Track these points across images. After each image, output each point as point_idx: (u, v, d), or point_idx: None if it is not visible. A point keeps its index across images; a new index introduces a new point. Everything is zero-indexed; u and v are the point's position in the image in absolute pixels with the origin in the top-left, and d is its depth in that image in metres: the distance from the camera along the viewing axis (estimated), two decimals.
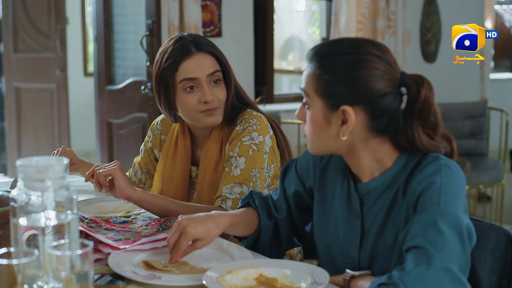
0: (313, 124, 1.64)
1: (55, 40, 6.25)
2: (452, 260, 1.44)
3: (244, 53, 5.20)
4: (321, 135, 1.64)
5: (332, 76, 1.59)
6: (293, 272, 1.62)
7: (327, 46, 1.64)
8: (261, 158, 2.22)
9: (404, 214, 1.59)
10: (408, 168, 1.62)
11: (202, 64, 2.24)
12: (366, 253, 1.68)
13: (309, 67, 1.64)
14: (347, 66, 1.58)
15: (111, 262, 1.72)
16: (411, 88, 1.60)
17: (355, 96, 1.58)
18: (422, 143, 1.60)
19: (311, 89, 1.62)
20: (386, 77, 1.58)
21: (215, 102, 2.24)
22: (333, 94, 1.59)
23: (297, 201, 1.91)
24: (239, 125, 2.26)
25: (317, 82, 1.61)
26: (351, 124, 1.59)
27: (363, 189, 1.68)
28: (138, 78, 4.97)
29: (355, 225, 1.70)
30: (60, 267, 1.32)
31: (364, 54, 1.59)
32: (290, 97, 6.15)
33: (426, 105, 1.59)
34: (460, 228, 1.49)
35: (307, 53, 1.66)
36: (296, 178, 1.90)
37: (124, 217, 2.14)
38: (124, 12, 5.19)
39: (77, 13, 8.24)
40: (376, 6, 5.53)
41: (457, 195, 1.54)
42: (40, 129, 6.51)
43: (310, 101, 1.63)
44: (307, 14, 9.35)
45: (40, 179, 1.39)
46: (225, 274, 1.61)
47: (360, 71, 1.57)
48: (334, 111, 1.60)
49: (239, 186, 2.18)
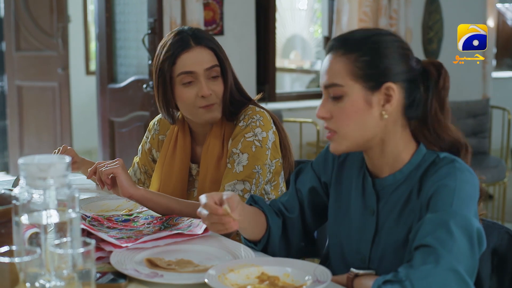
0: (352, 112, 1.59)
1: (57, 39, 6.24)
2: (460, 262, 1.43)
3: (246, 52, 5.20)
4: (361, 122, 1.60)
5: (373, 55, 1.58)
6: (295, 271, 1.62)
7: (353, 33, 1.64)
8: (264, 154, 2.22)
9: (418, 213, 1.59)
10: (423, 166, 1.62)
11: (200, 58, 2.23)
12: (378, 249, 1.68)
13: (336, 57, 1.61)
14: (389, 44, 1.60)
15: (113, 260, 1.72)
16: (431, 71, 1.64)
17: (399, 72, 1.59)
18: (447, 132, 1.64)
19: (345, 77, 1.59)
20: (415, 58, 1.63)
21: (212, 97, 2.24)
22: (375, 74, 1.58)
23: (312, 198, 1.89)
24: (242, 121, 2.26)
25: (354, 66, 1.58)
26: (395, 101, 1.59)
27: (380, 185, 1.68)
28: (140, 77, 4.97)
29: (370, 221, 1.70)
30: (62, 265, 1.32)
31: (398, 36, 1.64)
32: (292, 95, 6.16)
33: (446, 90, 1.65)
34: (470, 231, 1.48)
35: (330, 45, 1.64)
36: (312, 174, 1.89)
37: (126, 215, 2.13)
38: (126, 11, 5.19)
39: (79, 12, 8.25)
40: (378, 4, 5.52)
41: (470, 199, 1.54)
42: (42, 128, 6.51)
43: (344, 90, 1.59)
44: (309, 12, 9.35)
45: (42, 177, 1.39)
46: (227, 273, 1.60)
47: (402, 49, 1.61)
48: (375, 91, 1.59)
49: (241, 183, 2.17)
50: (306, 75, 8.80)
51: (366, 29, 1.68)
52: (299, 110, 5.57)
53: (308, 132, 5.40)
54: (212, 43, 2.27)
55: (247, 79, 5.16)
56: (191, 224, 2.00)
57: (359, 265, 1.71)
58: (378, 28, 1.71)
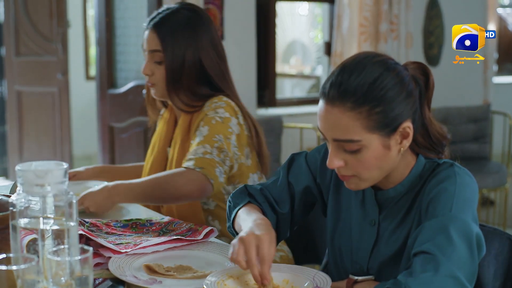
0: (372, 160, 1.54)
1: (57, 44, 6.24)
2: (460, 268, 1.42)
3: (247, 57, 5.19)
4: (381, 165, 1.56)
5: (384, 104, 1.50)
6: (294, 277, 1.60)
7: (350, 80, 1.52)
8: (226, 128, 2.28)
9: (417, 218, 1.58)
10: (425, 177, 1.61)
11: (147, 39, 2.41)
12: (376, 259, 1.67)
13: (344, 111, 1.50)
14: (392, 84, 1.52)
15: (111, 266, 1.71)
16: (419, 78, 1.59)
17: (409, 108, 1.55)
18: (435, 129, 1.61)
19: (360, 132, 1.51)
20: (405, 72, 1.57)
21: (151, 78, 2.41)
22: (391, 120, 1.52)
23: (306, 198, 1.85)
24: (208, 106, 2.34)
25: (368, 120, 1.50)
26: (411, 136, 1.56)
27: (382, 196, 1.66)
28: (140, 82, 4.96)
29: (370, 232, 1.68)
30: (59, 272, 1.31)
31: (392, 65, 1.55)
32: (292, 101, 6.15)
33: (432, 90, 1.61)
34: (470, 236, 1.47)
35: (328, 94, 1.52)
36: (307, 172, 1.84)
37: (125, 221, 2.12)
38: (126, 16, 5.19)
39: (79, 17, 8.25)
40: (379, 10, 5.52)
41: (469, 204, 1.52)
42: (41, 133, 6.50)
43: (362, 144, 1.52)
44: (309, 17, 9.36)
45: (40, 184, 1.38)
46: (226, 279, 1.59)
47: (405, 83, 1.54)
48: (392, 135, 1.54)
49: (201, 147, 2.24)
50: (307, 80, 8.79)
51: (360, 72, 1.52)
52: (300, 116, 5.56)
53: (309, 138, 5.39)
54: (165, 28, 2.36)
55: (247, 84, 5.15)
56: (191, 229, 1.99)
57: (358, 272, 1.69)
58: (368, 62, 1.55)
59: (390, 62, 1.56)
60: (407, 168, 1.63)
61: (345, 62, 1.57)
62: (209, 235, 1.96)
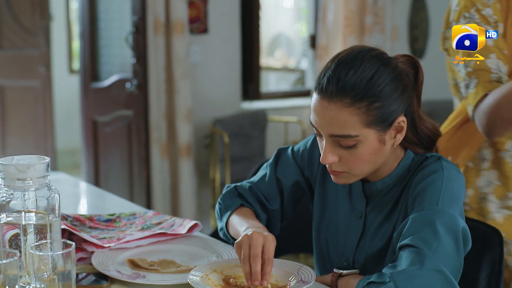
0: (367, 155, 1.54)
1: (40, 37, 6.20)
2: (445, 262, 1.42)
3: (231, 50, 5.18)
4: (375, 160, 1.56)
5: (382, 99, 1.50)
6: (279, 270, 1.60)
7: (348, 76, 1.50)
8: None
9: (403, 212, 1.58)
10: (412, 170, 1.61)
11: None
12: (362, 252, 1.67)
13: (342, 107, 1.49)
14: (389, 79, 1.51)
15: (94, 261, 1.70)
16: (408, 71, 1.58)
17: (403, 102, 1.54)
18: (424, 124, 1.61)
19: (358, 127, 1.50)
20: (397, 67, 1.56)
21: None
22: (388, 115, 1.52)
23: (295, 192, 1.84)
24: None
25: (367, 115, 1.49)
26: (405, 130, 1.56)
27: (369, 189, 1.66)
28: (123, 75, 4.94)
29: (356, 224, 1.68)
30: (42, 267, 1.30)
31: (387, 60, 1.55)
32: (277, 94, 6.14)
33: (421, 84, 1.61)
34: (456, 231, 1.47)
35: (326, 89, 1.50)
36: (294, 166, 1.83)
37: (109, 215, 2.11)
38: (109, 9, 5.16)
39: (62, 10, 8.20)
40: (364, 2, 5.52)
41: (456, 198, 1.53)
42: (25, 127, 6.46)
43: (358, 139, 1.51)
44: (294, 10, 9.35)
45: (22, 179, 1.36)
46: (210, 273, 1.59)
47: (400, 78, 1.54)
48: (388, 129, 1.54)
49: None
50: (292, 73, 8.79)
51: (357, 67, 1.51)
52: (285, 109, 5.55)
53: (293, 131, 5.39)
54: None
55: (232, 77, 5.14)
56: (174, 223, 1.98)
57: (342, 266, 1.69)
58: (365, 57, 1.53)
59: (385, 57, 1.56)
60: (396, 161, 1.63)
61: (340, 56, 1.55)
62: (192, 229, 1.96)
